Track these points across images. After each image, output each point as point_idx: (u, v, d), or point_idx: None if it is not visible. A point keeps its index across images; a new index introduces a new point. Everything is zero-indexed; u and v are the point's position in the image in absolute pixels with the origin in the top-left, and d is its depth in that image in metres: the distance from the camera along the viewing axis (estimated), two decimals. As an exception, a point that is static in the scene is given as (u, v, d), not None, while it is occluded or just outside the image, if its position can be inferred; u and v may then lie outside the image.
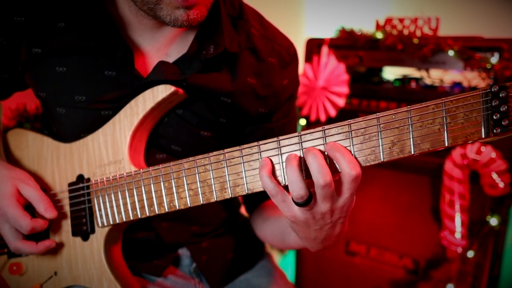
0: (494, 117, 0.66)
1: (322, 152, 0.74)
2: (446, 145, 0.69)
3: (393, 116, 0.71)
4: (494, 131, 0.67)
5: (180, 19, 0.86)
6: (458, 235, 1.69)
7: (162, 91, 0.94)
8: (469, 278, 1.72)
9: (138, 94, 0.96)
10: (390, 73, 2.11)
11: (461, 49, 1.66)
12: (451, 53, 1.68)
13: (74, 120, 1.01)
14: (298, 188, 0.72)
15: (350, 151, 0.73)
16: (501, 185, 1.59)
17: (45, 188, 1.03)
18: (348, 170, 0.71)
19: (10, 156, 1.09)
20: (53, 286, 1.02)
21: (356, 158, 0.73)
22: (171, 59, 1.00)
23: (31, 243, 0.96)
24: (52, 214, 0.95)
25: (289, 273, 2.25)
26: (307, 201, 0.74)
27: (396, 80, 1.95)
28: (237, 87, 1.01)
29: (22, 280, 1.04)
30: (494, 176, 1.59)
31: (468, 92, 0.68)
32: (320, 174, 0.71)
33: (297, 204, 0.74)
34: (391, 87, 1.93)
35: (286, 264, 2.32)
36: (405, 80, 1.94)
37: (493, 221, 1.65)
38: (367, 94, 1.97)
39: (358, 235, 2.05)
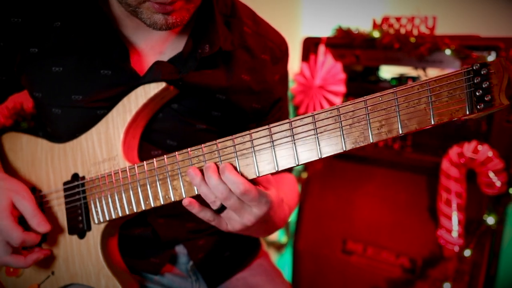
0: (477, 94, 0.68)
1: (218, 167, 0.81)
2: (433, 123, 0.71)
3: (380, 98, 0.74)
4: (478, 106, 0.69)
5: (158, 23, 0.87)
6: (455, 234, 1.69)
7: (153, 87, 0.95)
8: (466, 277, 1.72)
9: (133, 92, 0.97)
10: (387, 72, 2.11)
11: (458, 48, 1.66)
12: (448, 52, 1.68)
13: (70, 121, 1.01)
14: (210, 200, 0.82)
15: (237, 172, 0.80)
16: (498, 184, 1.59)
17: (41, 189, 1.03)
18: (234, 189, 0.78)
19: (5, 160, 1.09)
20: (51, 285, 1.01)
21: (243, 175, 0.81)
22: (166, 58, 1.00)
23: (19, 257, 0.95)
24: (46, 228, 0.94)
25: (286, 272, 2.25)
26: (221, 208, 0.84)
27: (393, 79, 1.95)
28: (232, 84, 1.02)
29: (19, 282, 1.03)
30: (491, 175, 1.59)
31: (451, 72, 0.70)
32: (218, 191, 0.80)
33: (216, 211, 0.85)
34: (388, 86, 1.92)
35: (283, 263, 2.32)
36: (402, 79, 1.94)
37: (490, 220, 1.66)
38: (364, 93, 1.96)
39: (355, 234, 2.05)
